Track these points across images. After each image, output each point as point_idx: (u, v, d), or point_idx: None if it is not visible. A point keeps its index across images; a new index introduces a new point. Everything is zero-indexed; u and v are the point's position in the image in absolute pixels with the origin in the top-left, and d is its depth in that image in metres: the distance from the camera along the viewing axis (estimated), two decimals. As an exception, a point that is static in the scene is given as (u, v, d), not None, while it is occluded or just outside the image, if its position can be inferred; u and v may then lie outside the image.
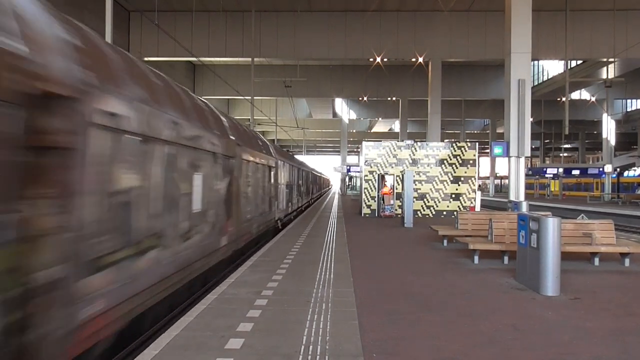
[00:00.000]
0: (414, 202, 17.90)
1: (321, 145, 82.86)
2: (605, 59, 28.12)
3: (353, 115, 49.67)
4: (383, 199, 18.50)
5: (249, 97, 27.66)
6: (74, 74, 3.32)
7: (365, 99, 38.81)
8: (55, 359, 3.20)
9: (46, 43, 3.08)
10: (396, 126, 63.49)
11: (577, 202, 35.03)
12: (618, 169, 43.32)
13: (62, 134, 3.19)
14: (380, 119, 54.37)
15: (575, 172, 40.02)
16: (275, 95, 37.33)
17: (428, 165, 19.31)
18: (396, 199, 18.77)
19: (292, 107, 41.32)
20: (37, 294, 3.01)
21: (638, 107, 49.26)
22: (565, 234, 8.24)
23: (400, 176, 18.62)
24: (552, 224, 6.04)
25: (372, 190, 19.47)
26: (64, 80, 3.15)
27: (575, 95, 46.08)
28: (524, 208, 13.12)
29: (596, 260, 8.34)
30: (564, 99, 24.18)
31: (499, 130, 51.90)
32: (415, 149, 19.51)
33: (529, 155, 15.53)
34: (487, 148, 47.03)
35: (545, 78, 41.01)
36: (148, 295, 4.83)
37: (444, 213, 19.14)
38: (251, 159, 10.68)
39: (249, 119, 27.93)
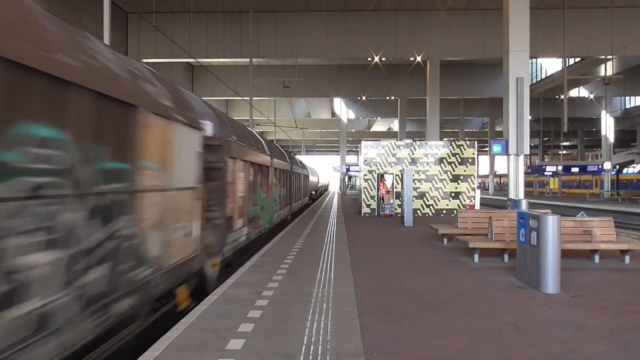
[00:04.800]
0: (413, 201, 17.89)
1: (320, 145, 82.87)
2: (603, 57, 28.16)
3: (352, 115, 49.66)
4: (382, 199, 18.50)
5: (248, 98, 27.64)
6: (220, 135, 7.65)
7: (363, 98, 38.81)
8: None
9: (215, 125, 7.54)
10: (395, 125, 63.49)
11: (577, 200, 35.06)
12: (617, 166, 43.37)
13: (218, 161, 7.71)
14: (379, 118, 54.38)
15: (575, 169, 40.04)
16: (274, 95, 37.33)
17: (427, 164, 19.31)
18: (396, 198, 18.77)
19: (291, 107, 41.31)
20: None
21: (637, 104, 49.29)
22: (565, 231, 8.24)
23: (400, 175, 18.62)
24: (551, 222, 6.03)
25: (371, 190, 19.47)
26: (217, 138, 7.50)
27: (573, 92, 46.15)
28: (524, 206, 13.13)
29: (596, 258, 8.34)
30: (562, 96, 24.19)
31: (498, 129, 51.95)
32: (414, 148, 19.52)
33: (528, 153, 15.56)
34: (486, 146, 47.04)
35: (543, 76, 41.03)
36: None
37: (444, 212, 19.16)
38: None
39: (248, 119, 27.91)
